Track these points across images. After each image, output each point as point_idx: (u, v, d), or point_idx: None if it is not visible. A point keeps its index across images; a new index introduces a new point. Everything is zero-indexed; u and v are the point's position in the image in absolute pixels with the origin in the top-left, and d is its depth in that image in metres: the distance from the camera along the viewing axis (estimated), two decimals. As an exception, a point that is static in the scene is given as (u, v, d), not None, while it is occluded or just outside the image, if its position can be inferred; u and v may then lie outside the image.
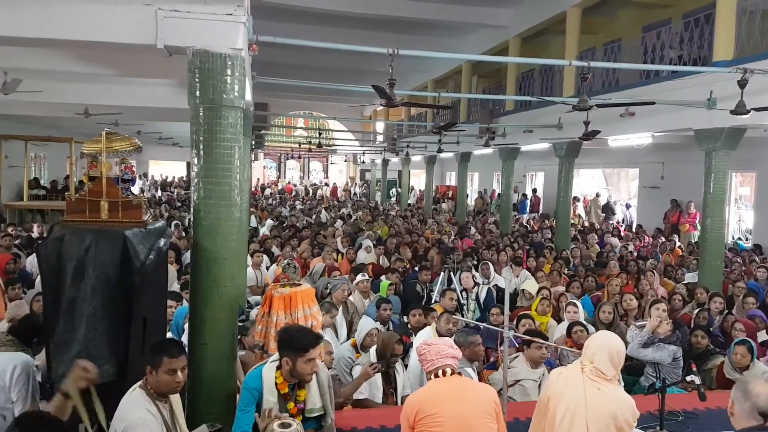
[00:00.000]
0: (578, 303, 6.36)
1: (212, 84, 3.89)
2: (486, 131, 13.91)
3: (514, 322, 5.64)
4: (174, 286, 6.72)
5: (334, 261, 9.06)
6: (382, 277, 8.02)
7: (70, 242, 3.38)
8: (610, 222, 16.86)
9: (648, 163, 15.47)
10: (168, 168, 29.62)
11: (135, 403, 2.89)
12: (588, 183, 20.97)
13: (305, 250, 9.82)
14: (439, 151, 15.26)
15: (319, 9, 13.21)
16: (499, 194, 18.98)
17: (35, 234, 10.70)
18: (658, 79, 9.60)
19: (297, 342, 3.24)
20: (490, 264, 8.65)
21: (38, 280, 6.31)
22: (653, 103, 7.86)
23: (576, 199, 18.08)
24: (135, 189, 4.04)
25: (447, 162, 25.27)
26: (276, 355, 3.35)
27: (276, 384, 3.26)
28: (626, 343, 4.78)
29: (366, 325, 5.11)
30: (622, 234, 14.55)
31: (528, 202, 19.98)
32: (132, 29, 3.84)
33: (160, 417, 2.90)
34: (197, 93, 3.92)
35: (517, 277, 8.73)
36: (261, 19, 5.82)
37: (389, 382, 4.61)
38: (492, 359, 5.65)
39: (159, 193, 24.64)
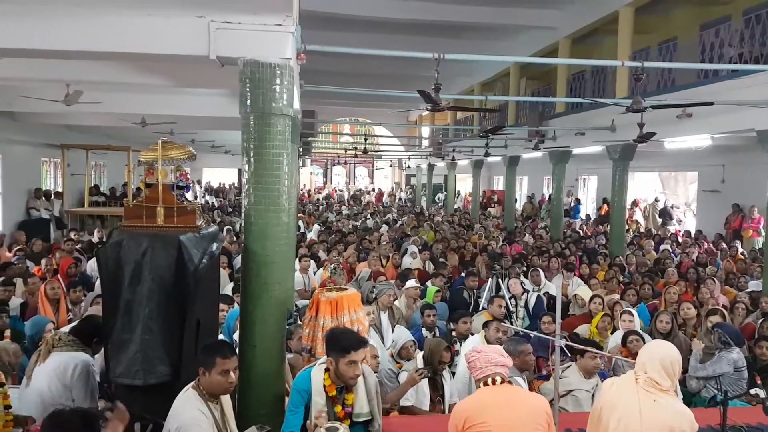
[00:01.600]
0: (634, 311, 6.15)
1: (262, 93, 3.98)
2: (535, 134, 13.67)
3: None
4: (226, 289, 6.88)
5: (380, 266, 9.07)
6: (428, 283, 7.98)
7: (128, 246, 3.50)
8: (668, 227, 16.25)
9: (707, 165, 14.83)
10: (220, 175, 30.42)
11: (188, 403, 2.96)
12: (643, 187, 20.26)
13: (351, 255, 9.88)
14: (486, 155, 15.06)
15: (365, 16, 13.31)
16: (549, 199, 18.60)
17: (95, 239, 11.17)
18: (717, 79, 9.21)
19: (339, 343, 3.26)
20: (540, 270, 8.47)
21: (98, 283, 6.60)
22: (712, 103, 7.54)
23: (634, 203, 17.52)
24: (189, 195, 4.16)
25: (494, 166, 24.95)
26: (325, 357, 3.37)
27: (324, 386, 3.26)
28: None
29: (401, 336, 5.08)
30: (680, 240, 14.00)
31: (581, 206, 19.51)
32: (186, 41, 3.98)
33: (211, 417, 2.97)
34: (248, 102, 4.02)
35: (569, 284, 8.51)
36: (308, 29, 5.91)
37: (436, 389, 4.58)
38: (543, 369, 5.52)
39: (212, 199, 25.32)
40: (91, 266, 8.26)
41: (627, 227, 14.24)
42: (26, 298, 6.48)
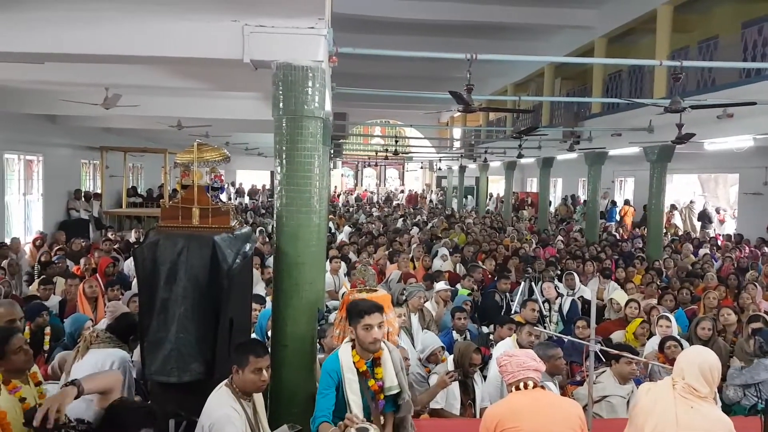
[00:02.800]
0: (671, 317, 5.98)
1: (294, 96, 4.02)
2: (570, 135, 13.46)
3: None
4: (257, 289, 6.95)
5: (410, 268, 9.04)
6: (457, 286, 7.92)
7: (164, 246, 3.56)
8: (707, 231, 15.79)
9: (749, 168, 14.37)
10: (253, 177, 30.84)
11: (221, 401, 3.00)
12: (682, 189, 19.74)
13: (381, 257, 9.87)
14: (520, 156, 14.90)
15: (397, 18, 13.32)
16: (584, 201, 18.27)
17: (132, 239, 11.43)
18: (760, 78, 8.90)
19: (355, 307, 3.34)
20: (575, 274, 8.32)
21: (135, 282, 6.75)
22: (754, 103, 7.29)
23: (673, 207, 17.08)
24: (223, 197, 4.23)
25: (528, 168, 24.66)
26: (350, 336, 3.41)
27: (354, 362, 3.29)
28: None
29: (430, 342, 5.04)
30: (721, 244, 13.58)
31: (617, 209, 19.12)
32: (221, 45, 4.05)
33: (244, 415, 3.00)
34: (280, 105, 4.06)
35: (605, 288, 8.34)
36: (340, 31, 5.94)
37: (467, 393, 4.54)
38: (577, 374, 5.42)
39: (245, 200, 25.68)
40: (128, 266, 8.45)
41: (665, 230, 13.89)
42: (65, 297, 6.66)
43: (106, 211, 15.08)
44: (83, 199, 14.32)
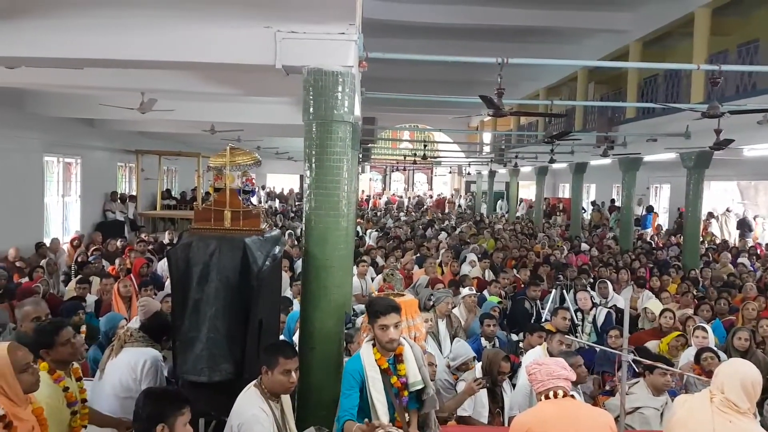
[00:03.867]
0: (708, 328, 5.81)
1: (324, 100, 4.05)
2: (604, 140, 13.24)
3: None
4: (287, 292, 7.01)
5: (438, 273, 8.99)
6: (485, 292, 7.84)
7: (197, 248, 3.63)
8: (747, 239, 15.31)
9: (791, 174, 13.90)
10: (283, 180, 31.17)
11: (250, 401, 3.04)
12: (720, 197, 19.19)
13: (409, 261, 9.84)
14: (552, 161, 14.71)
15: (427, 23, 13.31)
16: (618, 207, 17.93)
17: (166, 240, 11.66)
18: (802, 82, 8.63)
19: (372, 307, 3.33)
20: (608, 282, 8.14)
21: (168, 282, 6.88)
22: (797, 107, 7.06)
23: (711, 215, 16.62)
24: (254, 200, 4.30)
25: (560, 173, 24.32)
26: (371, 335, 3.39)
27: (375, 360, 3.27)
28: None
29: (462, 352, 4.98)
30: (760, 253, 13.15)
31: (651, 216, 18.71)
32: (254, 51, 4.11)
33: (272, 416, 3.03)
34: (311, 109, 4.10)
35: (639, 297, 8.15)
36: (371, 36, 5.97)
37: (496, 401, 4.49)
38: (608, 384, 5.31)
39: (275, 203, 25.96)
40: (162, 266, 8.62)
41: (702, 239, 13.53)
42: (101, 296, 6.83)
43: (141, 213, 15.42)
44: (119, 201, 14.68)
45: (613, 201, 21.95)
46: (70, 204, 13.00)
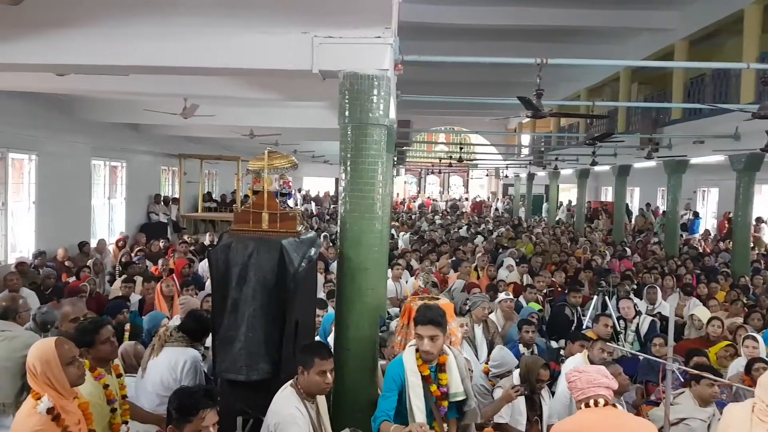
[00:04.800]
0: (759, 337, 5.57)
1: (360, 104, 4.07)
2: (648, 142, 12.88)
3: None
4: (322, 294, 7.05)
5: (474, 278, 8.88)
6: (521, 298, 7.70)
7: (236, 249, 3.69)
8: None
9: None
10: (319, 183, 31.49)
11: (286, 401, 3.08)
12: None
13: (444, 265, 9.77)
14: (593, 163, 14.41)
15: (464, 24, 13.21)
16: (664, 212, 17.42)
17: (207, 242, 11.91)
18: None
19: (416, 314, 3.33)
20: (657, 288, 7.90)
21: (208, 282, 7.01)
22: None
23: (760, 219, 15.96)
24: (291, 202, 4.33)
25: (602, 176, 23.80)
26: (414, 340, 3.39)
27: (417, 366, 3.26)
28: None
29: (506, 360, 4.90)
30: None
31: (700, 221, 18.11)
32: (292, 56, 4.17)
33: (308, 416, 3.07)
34: (346, 113, 4.12)
35: (686, 305, 7.89)
36: (407, 39, 5.95)
37: (534, 409, 4.41)
38: (653, 395, 5.14)
39: (311, 206, 26.22)
40: (203, 267, 8.80)
41: (752, 245, 13.01)
42: (144, 295, 7.02)
43: (183, 215, 15.80)
44: (162, 203, 15.08)
45: (649, 205, 21.37)
46: (116, 206, 13.43)
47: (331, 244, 11.21)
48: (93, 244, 11.15)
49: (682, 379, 4.63)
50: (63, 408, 2.67)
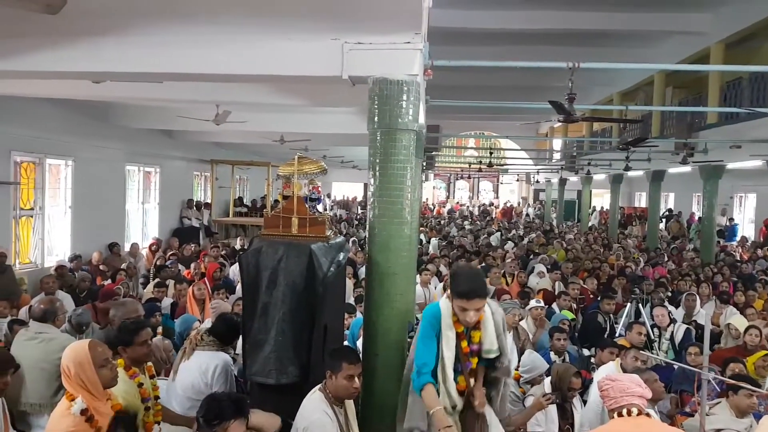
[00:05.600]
0: (799, 347, 5.38)
1: (389, 109, 4.07)
2: (683, 147, 12.60)
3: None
4: (350, 299, 7.06)
5: (505, 284, 8.78)
6: (554, 305, 7.58)
7: (266, 253, 3.73)
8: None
9: None
10: (347, 189, 31.62)
11: (315, 405, 3.09)
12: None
13: (473, 271, 9.64)
14: (627, 168, 14.14)
15: (494, 29, 13.13)
16: (699, 218, 16.99)
17: (237, 246, 12.06)
18: None
19: (456, 285, 3.14)
20: (696, 295, 7.69)
21: (239, 286, 7.09)
22: None
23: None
24: (320, 207, 4.37)
25: (636, 181, 23.34)
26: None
27: (453, 322, 3.17)
28: None
29: (537, 365, 4.83)
30: None
31: (738, 227, 17.60)
32: (322, 63, 4.20)
33: (336, 420, 3.07)
34: (375, 118, 4.13)
35: (722, 313, 7.66)
36: (436, 44, 5.95)
37: (566, 417, 4.33)
38: (688, 405, 5.00)
39: (340, 211, 26.34)
40: (234, 271, 8.91)
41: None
42: (176, 299, 7.13)
43: (214, 220, 16.04)
44: (195, 208, 15.35)
45: (678, 212, 20.85)
46: (150, 211, 13.71)
47: (359, 249, 11.24)
48: (126, 248, 11.40)
49: (718, 389, 4.50)
50: (96, 409, 2.72)
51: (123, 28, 4.32)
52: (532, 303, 6.75)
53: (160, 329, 5.45)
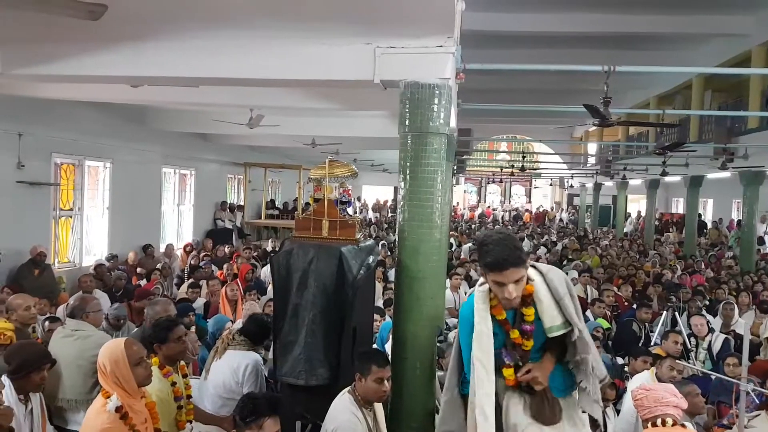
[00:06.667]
0: None
1: (420, 113, 4.07)
2: (723, 152, 12.26)
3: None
4: (380, 302, 7.06)
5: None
6: (588, 312, 7.43)
7: (297, 255, 3.77)
8: None
9: None
10: (377, 192, 31.67)
11: (344, 407, 3.10)
12: None
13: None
14: (664, 174, 13.82)
15: (528, 32, 13.00)
16: (739, 224, 16.49)
17: (269, 248, 12.19)
18: None
19: (484, 256, 2.47)
20: (734, 305, 7.46)
21: (270, 288, 7.17)
22: None
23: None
24: (350, 210, 4.36)
25: (673, 186, 22.79)
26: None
27: (491, 308, 2.54)
28: None
29: None
30: None
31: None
32: (354, 67, 4.23)
33: (365, 423, 3.08)
34: (406, 122, 4.13)
35: (762, 323, 7.40)
36: (469, 47, 5.91)
37: (598, 427, 4.23)
38: (726, 418, 4.85)
39: (370, 214, 26.39)
40: (265, 272, 9.00)
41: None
42: (209, 299, 7.25)
43: (247, 222, 16.26)
44: (228, 210, 15.58)
45: (719, 219, 20.23)
46: (185, 212, 13.98)
47: (389, 253, 11.24)
48: (162, 249, 11.64)
49: (757, 401, 4.36)
50: (131, 407, 2.78)
51: (160, 33, 4.43)
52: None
53: (193, 329, 5.54)
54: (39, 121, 8.26)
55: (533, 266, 2.59)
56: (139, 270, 9.68)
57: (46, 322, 5.02)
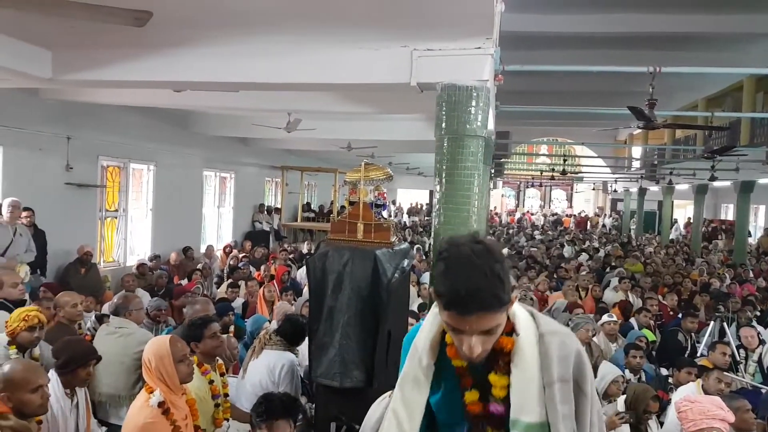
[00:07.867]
0: None
1: (457, 115, 4.02)
2: (775, 157, 11.77)
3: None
4: (414, 305, 7.02)
5: (577, 298, 8.44)
6: (632, 320, 7.21)
7: (332, 258, 3.79)
8: None
9: None
10: (413, 196, 31.61)
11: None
12: None
13: (542, 282, 9.37)
14: (712, 179, 13.35)
15: (569, 32, 12.72)
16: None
17: (305, 250, 12.30)
18: None
19: (439, 281, 1.50)
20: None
21: (305, 289, 7.23)
22: None
23: None
24: (385, 213, 4.36)
25: (722, 192, 21.99)
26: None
27: (445, 345, 1.64)
28: None
29: (609, 371, 4.62)
30: None
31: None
32: (391, 70, 4.21)
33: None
34: (443, 125, 4.09)
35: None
36: (508, 49, 5.83)
37: (641, 439, 4.08)
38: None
39: (404, 218, 26.34)
40: (301, 274, 9.08)
41: None
42: (247, 299, 7.35)
43: (284, 224, 16.46)
44: (266, 212, 15.81)
45: (766, 229, 19.38)
46: (224, 214, 14.24)
47: (424, 257, 11.18)
48: (202, 249, 11.88)
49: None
50: (173, 403, 2.84)
51: (203, 40, 4.52)
52: (605, 318, 6.46)
53: (232, 328, 5.61)
54: (86, 124, 8.54)
55: (530, 313, 1.64)
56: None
57: (93, 319, 5.16)
